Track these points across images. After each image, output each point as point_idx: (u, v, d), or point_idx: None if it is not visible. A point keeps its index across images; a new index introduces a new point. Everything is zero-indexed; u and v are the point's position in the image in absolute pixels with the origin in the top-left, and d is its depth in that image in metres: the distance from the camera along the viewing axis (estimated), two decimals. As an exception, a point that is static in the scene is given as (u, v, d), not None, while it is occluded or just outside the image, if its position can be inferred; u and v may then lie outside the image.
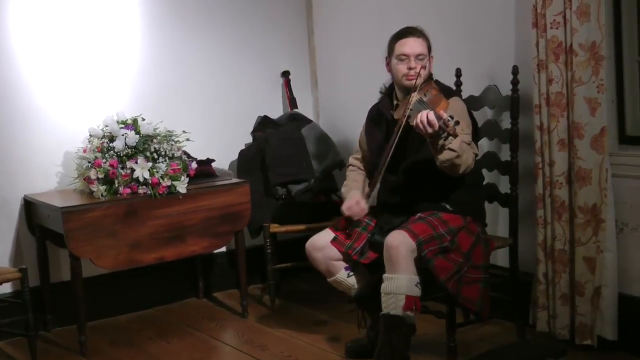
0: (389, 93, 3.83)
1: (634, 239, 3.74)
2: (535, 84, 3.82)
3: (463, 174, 3.45)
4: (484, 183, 3.99)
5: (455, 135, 3.23)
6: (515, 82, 3.89)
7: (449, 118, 3.20)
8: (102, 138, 4.29)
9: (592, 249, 3.75)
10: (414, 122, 3.32)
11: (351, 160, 4.06)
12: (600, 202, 3.70)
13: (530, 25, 3.83)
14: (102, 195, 4.18)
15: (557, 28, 3.71)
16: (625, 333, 3.75)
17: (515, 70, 3.88)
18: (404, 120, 3.49)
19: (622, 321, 3.75)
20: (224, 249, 4.93)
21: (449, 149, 3.29)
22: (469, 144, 3.47)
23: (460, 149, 3.32)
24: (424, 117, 3.24)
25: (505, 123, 4.04)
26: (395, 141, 3.54)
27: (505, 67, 3.96)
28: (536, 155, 3.87)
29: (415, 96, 3.50)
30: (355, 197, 3.74)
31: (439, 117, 3.21)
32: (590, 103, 3.67)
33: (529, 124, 3.94)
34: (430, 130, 3.23)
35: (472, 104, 3.98)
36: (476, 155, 3.57)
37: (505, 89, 3.97)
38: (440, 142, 3.28)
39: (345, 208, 3.73)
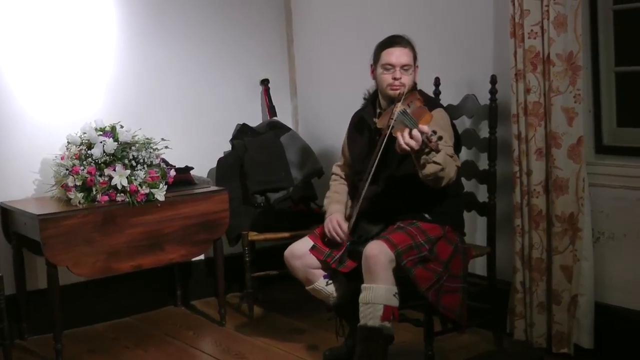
0: (372, 100, 3.83)
1: (611, 248, 3.77)
2: (513, 94, 3.85)
3: (445, 186, 3.46)
4: (462, 192, 4.00)
5: (437, 151, 3.23)
6: (493, 92, 3.92)
7: (431, 133, 3.20)
8: (80, 145, 4.27)
9: (569, 257, 3.77)
10: (397, 135, 3.30)
11: (334, 169, 4.05)
12: (577, 211, 3.73)
13: (508, 35, 3.85)
14: (79, 202, 4.15)
15: (534, 38, 3.74)
16: (601, 341, 3.78)
17: (493, 80, 3.91)
18: (388, 131, 3.49)
19: (599, 330, 3.77)
20: (202, 257, 4.91)
21: (434, 162, 3.28)
22: (452, 156, 3.47)
23: (444, 162, 3.32)
24: (406, 136, 3.22)
25: (484, 132, 4.07)
26: (379, 154, 3.54)
27: (483, 77, 3.99)
28: (514, 164, 3.90)
29: (399, 107, 3.50)
30: (335, 218, 3.73)
31: (421, 132, 3.21)
32: (568, 113, 3.70)
33: (507, 133, 3.96)
34: (415, 147, 3.23)
35: (451, 113, 3.98)
36: (458, 167, 3.58)
37: (484, 98, 3.99)
38: (423, 157, 3.28)
39: (327, 230, 3.71)
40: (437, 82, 4.23)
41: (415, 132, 3.22)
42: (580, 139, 3.71)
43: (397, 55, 3.64)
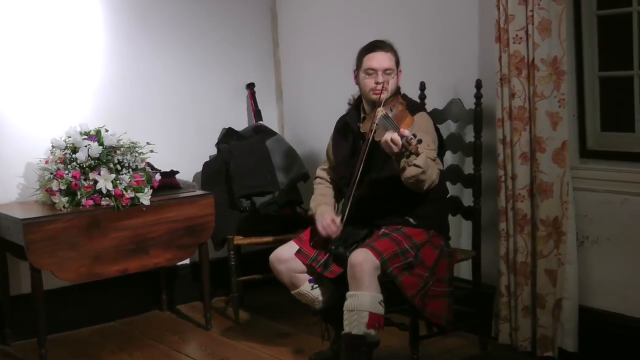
0: (356, 105, 3.84)
1: (595, 251, 3.79)
2: (498, 98, 3.86)
3: (427, 190, 3.47)
4: (448, 196, 4.01)
5: (417, 154, 3.24)
6: (478, 96, 3.93)
7: (411, 136, 3.21)
8: (64, 149, 4.25)
9: (553, 261, 3.79)
10: (379, 139, 3.33)
11: (318, 172, 4.06)
12: (562, 215, 3.75)
13: (493, 39, 3.87)
14: (64, 206, 4.13)
15: (519, 43, 3.75)
16: (585, 345, 3.80)
17: (478, 85, 3.92)
18: (371, 136, 3.50)
19: (583, 333, 3.79)
20: (187, 261, 4.90)
21: (414, 165, 3.29)
22: (434, 160, 3.48)
23: (425, 165, 3.33)
24: (388, 136, 3.25)
25: (469, 136, 4.08)
26: (364, 157, 3.55)
27: (468, 81, 4.00)
28: (499, 168, 3.91)
29: (381, 111, 3.51)
30: (329, 215, 3.71)
31: (402, 136, 3.22)
32: (552, 117, 3.72)
33: (492, 138, 3.98)
34: (394, 148, 3.24)
35: (436, 117, 4.01)
36: (441, 170, 3.59)
37: (469, 103, 4.00)
38: (404, 160, 3.29)
39: (321, 228, 3.68)
40: (422, 86, 4.24)
41: (395, 135, 3.23)
42: (564, 143, 3.73)
43: (379, 60, 3.65)
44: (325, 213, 3.74)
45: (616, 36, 3.85)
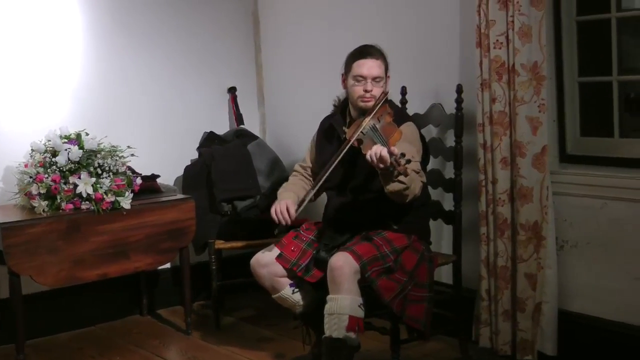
0: (342, 108, 3.83)
1: (574, 255, 3.82)
2: (478, 103, 3.88)
3: (410, 202, 3.47)
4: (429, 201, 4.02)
5: (406, 174, 3.22)
6: (459, 101, 3.94)
7: (400, 155, 3.18)
8: (44, 153, 4.23)
9: (533, 265, 3.80)
10: (366, 153, 3.30)
11: (296, 167, 4.04)
12: (542, 220, 3.77)
13: (474, 45, 3.89)
14: (43, 211, 4.11)
15: (500, 48, 3.77)
16: (564, 348, 3.82)
17: (459, 89, 3.94)
18: (354, 142, 3.49)
19: (562, 337, 3.81)
20: (168, 265, 4.88)
21: (398, 181, 3.28)
22: (418, 172, 3.48)
23: (409, 181, 3.31)
24: (377, 153, 3.21)
25: (450, 141, 4.09)
26: (339, 158, 3.55)
27: (449, 86, 4.01)
28: (479, 173, 3.92)
29: (368, 121, 3.50)
30: (285, 201, 3.68)
31: (391, 154, 3.19)
32: (532, 122, 3.74)
33: (472, 142, 3.99)
34: (381, 165, 3.23)
35: (417, 121, 4.00)
36: (424, 182, 3.58)
37: (450, 108, 4.02)
38: (390, 176, 3.28)
39: (272, 211, 3.67)
40: (403, 91, 4.25)
41: (384, 152, 3.20)
42: (544, 148, 3.75)
43: (368, 67, 3.63)
44: (283, 200, 3.71)
45: (596, 42, 3.89)
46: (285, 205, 3.66)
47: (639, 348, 3.59)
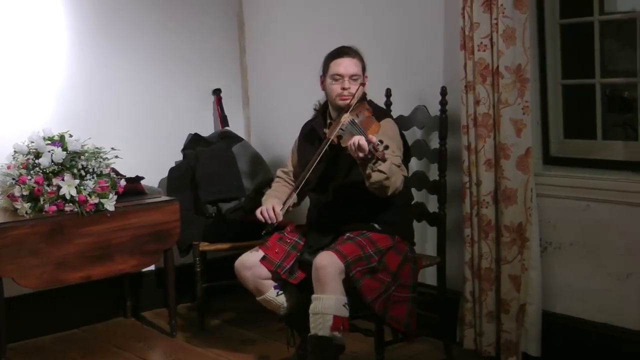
0: (322, 111, 3.85)
1: (558, 257, 3.83)
2: (463, 105, 3.89)
3: (391, 196, 3.49)
4: (413, 202, 4.03)
5: (384, 160, 3.27)
6: (443, 103, 3.95)
7: (378, 142, 3.24)
8: (27, 154, 4.20)
9: (517, 267, 3.82)
10: (346, 144, 3.35)
11: (279, 172, 4.05)
12: (525, 222, 3.78)
13: (458, 47, 3.90)
14: (26, 212, 4.09)
15: (484, 50, 3.78)
16: (549, 349, 3.83)
17: (443, 91, 3.95)
18: (335, 139, 3.51)
19: (546, 338, 3.83)
20: (152, 267, 4.86)
21: (379, 170, 3.32)
22: (399, 166, 3.51)
23: (389, 171, 3.35)
24: (355, 141, 3.27)
25: (434, 143, 4.10)
26: (320, 156, 3.56)
27: (434, 88, 4.02)
28: (464, 175, 3.93)
29: (347, 117, 3.52)
30: (270, 203, 3.70)
31: (369, 142, 3.24)
32: (516, 124, 3.75)
33: (457, 144, 4.00)
34: (360, 154, 3.26)
35: (402, 123, 4.02)
36: (405, 177, 3.60)
37: (434, 110, 4.02)
38: (370, 165, 3.31)
39: (258, 213, 3.68)
40: (388, 93, 4.26)
41: (362, 140, 3.25)
42: (528, 150, 3.76)
43: (345, 66, 3.66)
44: (267, 202, 3.73)
45: (579, 44, 3.91)
46: (270, 205, 3.68)
47: (622, 349, 3.61)
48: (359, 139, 3.27)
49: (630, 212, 3.56)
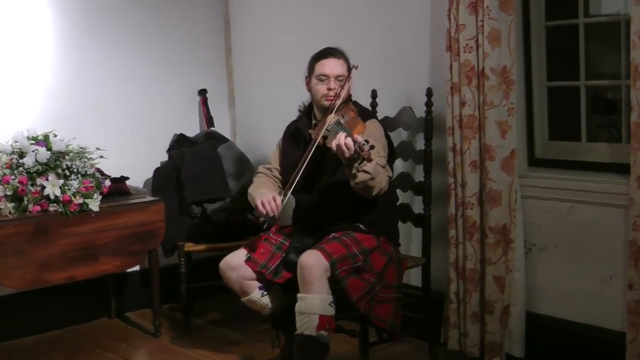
0: (308, 112, 3.85)
1: (542, 258, 3.85)
2: (448, 107, 3.90)
3: (376, 196, 3.49)
4: (398, 203, 4.03)
5: (369, 160, 3.27)
6: (429, 104, 3.96)
7: (364, 142, 3.24)
8: (11, 154, 4.17)
9: (501, 268, 3.83)
10: (332, 144, 3.35)
11: (260, 169, 4.00)
12: (510, 223, 3.79)
13: (444, 48, 3.91)
14: (10, 213, 4.06)
15: (469, 52, 3.80)
16: (532, 350, 3.85)
17: (429, 93, 3.96)
18: (320, 140, 3.51)
19: (530, 339, 3.84)
20: (137, 267, 4.85)
21: (364, 171, 3.32)
22: (384, 167, 3.51)
23: (374, 172, 3.36)
24: (341, 140, 3.27)
25: (420, 144, 4.11)
26: (308, 158, 3.56)
27: (419, 90, 4.03)
28: (449, 176, 3.94)
29: (333, 117, 3.53)
30: (269, 194, 3.63)
31: (354, 141, 3.25)
32: (501, 126, 3.76)
33: (442, 146, 4.01)
34: (346, 153, 3.26)
35: (387, 125, 4.03)
36: (390, 177, 3.61)
37: (420, 111, 4.03)
38: (355, 165, 3.31)
39: (259, 204, 3.59)
40: (374, 94, 4.26)
41: (348, 140, 3.25)
42: (513, 151, 3.77)
43: (331, 66, 3.66)
44: (265, 193, 3.66)
45: (564, 46, 3.92)
46: (271, 196, 3.61)
47: (605, 350, 3.62)
48: (345, 138, 3.27)
49: (614, 214, 3.58)
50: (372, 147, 3.26)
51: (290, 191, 3.64)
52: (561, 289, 3.79)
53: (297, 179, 3.61)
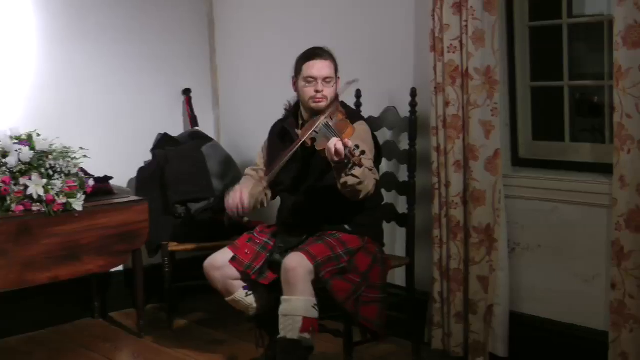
0: (294, 111, 3.83)
1: (525, 258, 3.86)
2: (432, 107, 3.91)
3: (363, 199, 3.49)
4: (382, 203, 4.03)
5: (360, 165, 3.26)
6: (413, 104, 3.97)
7: (355, 147, 3.22)
8: (-7, 153, 4.16)
9: (485, 268, 3.84)
10: (321, 147, 3.33)
11: (248, 170, 4.00)
12: (494, 223, 3.80)
13: (428, 49, 3.91)
14: (-8, 212, 4.05)
15: (454, 52, 3.80)
16: (516, 350, 3.86)
17: (413, 93, 3.96)
18: (309, 141, 3.50)
19: (513, 338, 3.85)
20: (121, 267, 4.83)
21: (352, 175, 3.32)
22: (371, 170, 3.51)
23: (362, 176, 3.35)
24: (332, 145, 3.25)
25: (404, 144, 4.12)
26: (291, 153, 3.54)
27: (404, 89, 4.04)
28: (433, 176, 3.95)
29: (321, 120, 3.52)
30: (238, 188, 3.69)
31: (345, 146, 3.23)
32: (485, 126, 3.77)
33: (426, 146, 4.02)
34: (336, 158, 3.25)
35: (372, 125, 4.02)
36: (377, 180, 3.61)
37: (404, 111, 4.04)
38: (345, 169, 3.31)
39: (226, 200, 3.68)
40: (358, 94, 4.26)
41: (339, 144, 3.24)
42: (497, 151, 3.79)
43: (318, 68, 3.65)
44: (235, 188, 3.71)
45: (548, 47, 3.94)
46: (239, 191, 3.67)
47: (588, 349, 3.64)
48: (336, 143, 3.25)
49: (597, 214, 3.59)
50: (363, 152, 3.24)
51: (267, 183, 3.62)
52: (545, 288, 3.81)
53: (277, 172, 3.59)
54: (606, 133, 3.69)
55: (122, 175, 4.90)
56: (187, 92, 5.25)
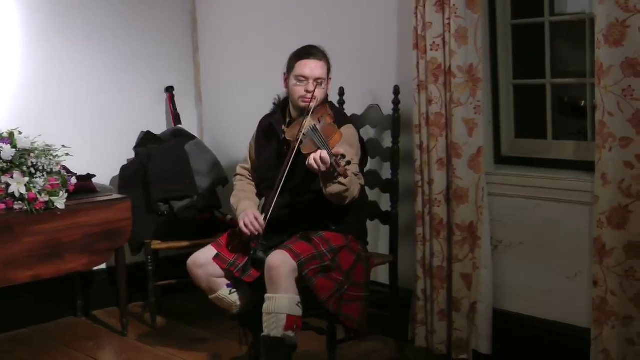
0: (282, 107, 3.82)
1: (508, 255, 3.88)
2: (415, 104, 3.91)
3: (349, 204, 3.49)
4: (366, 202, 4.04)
5: (345, 176, 3.25)
6: (396, 102, 3.97)
7: (340, 157, 3.22)
8: (-25, 151, 4.13)
9: (468, 265, 3.85)
10: (307, 151, 3.33)
11: (239, 169, 4.01)
12: (477, 220, 3.81)
13: (411, 46, 3.92)
14: (-26, 210, 4.02)
15: (436, 50, 3.81)
16: (499, 347, 3.87)
17: (396, 91, 3.97)
18: (297, 145, 3.49)
19: (497, 335, 3.86)
20: (104, 265, 4.81)
21: (339, 182, 3.31)
22: (357, 175, 3.50)
23: (349, 183, 3.35)
24: (317, 156, 3.24)
25: (387, 142, 4.12)
26: (289, 166, 3.53)
27: (387, 87, 4.04)
28: (416, 174, 3.96)
29: (309, 121, 3.50)
30: (252, 212, 3.64)
31: (331, 155, 3.22)
32: (468, 124, 3.78)
33: (409, 143, 4.02)
34: (323, 168, 3.25)
35: (355, 122, 4.02)
36: (362, 185, 3.60)
37: (387, 109, 4.04)
38: (331, 179, 3.30)
39: (243, 225, 3.61)
40: (341, 92, 4.26)
41: (325, 154, 3.23)
42: (480, 149, 3.80)
43: (311, 68, 3.63)
44: (249, 209, 3.67)
45: (530, 45, 3.95)
46: (252, 215, 3.62)
47: (571, 346, 3.66)
48: (321, 153, 3.24)
49: (579, 211, 3.61)
50: (349, 162, 3.23)
51: (276, 199, 3.59)
52: (527, 285, 3.82)
53: (280, 188, 3.56)
54: (588, 131, 3.71)
55: (105, 173, 4.88)
56: (169, 89, 5.23)
